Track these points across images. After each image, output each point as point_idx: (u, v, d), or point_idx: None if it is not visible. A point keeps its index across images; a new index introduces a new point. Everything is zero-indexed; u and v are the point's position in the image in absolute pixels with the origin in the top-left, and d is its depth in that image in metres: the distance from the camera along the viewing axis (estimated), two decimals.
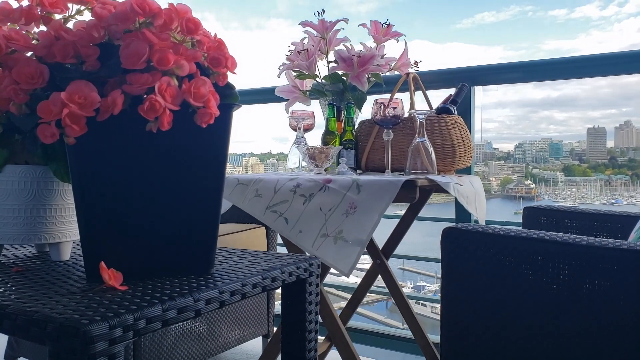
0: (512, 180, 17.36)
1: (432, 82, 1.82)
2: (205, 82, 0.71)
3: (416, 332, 1.72)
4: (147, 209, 0.72)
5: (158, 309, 0.60)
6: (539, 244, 0.90)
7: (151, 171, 0.72)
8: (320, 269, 1.38)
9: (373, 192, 1.20)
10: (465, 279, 0.98)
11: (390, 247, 1.81)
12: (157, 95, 0.65)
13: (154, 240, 0.73)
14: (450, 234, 0.99)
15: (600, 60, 1.60)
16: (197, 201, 0.75)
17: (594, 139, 16.68)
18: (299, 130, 1.69)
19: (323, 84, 1.80)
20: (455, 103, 1.63)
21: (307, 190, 1.26)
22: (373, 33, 1.76)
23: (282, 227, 1.26)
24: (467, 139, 1.56)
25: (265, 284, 0.78)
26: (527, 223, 1.52)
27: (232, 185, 1.40)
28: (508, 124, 40.83)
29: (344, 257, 1.16)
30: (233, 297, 0.72)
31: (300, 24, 1.75)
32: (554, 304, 0.88)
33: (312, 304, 0.90)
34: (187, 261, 0.76)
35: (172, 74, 0.69)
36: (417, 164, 1.43)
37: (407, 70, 1.75)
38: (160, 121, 0.66)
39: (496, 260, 0.94)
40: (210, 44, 0.75)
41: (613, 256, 0.82)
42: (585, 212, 1.47)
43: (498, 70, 1.75)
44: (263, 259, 0.90)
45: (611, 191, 12.56)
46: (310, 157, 1.49)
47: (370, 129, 1.64)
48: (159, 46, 0.67)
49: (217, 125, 0.74)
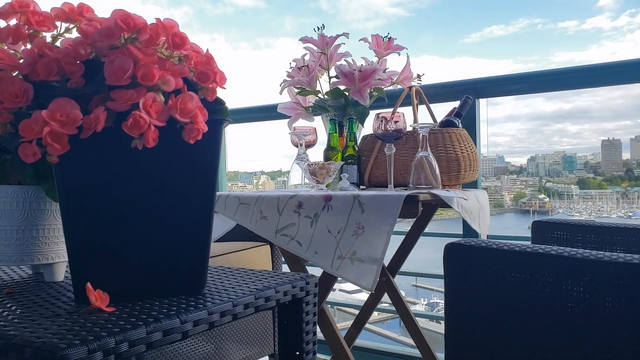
0: (525, 195, 17.18)
1: (436, 95, 1.80)
2: (192, 97, 0.69)
3: (424, 351, 1.67)
4: (135, 228, 0.70)
5: (142, 331, 0.57)
6: (545, 259, 0.87)
7: (139, 189, 0.70)
8: (323, 288, 1.35)
9: (377, 210, 1.18)
10: (470, 296, 0.95)
11: (396, 264, 1.77)
12: (141, 111, 0.64)
13: (143, 260, 0.71)
14: (453, 250, 0.96)
15: (608, 69, 1.57)
16: (186, 220, 0.73)
17: (608, 151, 16.47)
18: (301, 147, 1.67)
19: (325, 99, 1.79)
20: (459, 116, 1.60)
21: (311, 209, 1.25)
22: (374, 47, 1.75)
23: (297, 249, 1.25)
24: (473, 152, 1.53)
25: (258, 304, 0.75)
26: (537, 238, 1.48)
27: (235, 205, 1.38)
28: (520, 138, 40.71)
29: (364, 275, 1.16)
30: (223, 318, 0.69)
31: (301, 40, 1.75)
32: (564, 321, 0.84)
33: (309, 324, 0.87)
34: (177, 281, 0.74)
35: (158, 89, 0.68)
36: (420, 178, 1.40)
37: (410, 84, 1.73)
38: (145, 138, 0.65)
39: (501, 276, 0.91)
40: (198, 58, 0.74)
41: (622, 270, 0.78)
42: (597, 226, 1.42)
43: (502, 82, 1.72)
44: (258, 278, 0.87)
45: (628, 204, 12.34)
46: (311, 174, 1.47)
47: (372, 144, 1.63)
48: (144, 61, 0.66)
49: (206, 141, 0.73)
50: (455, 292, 0.97)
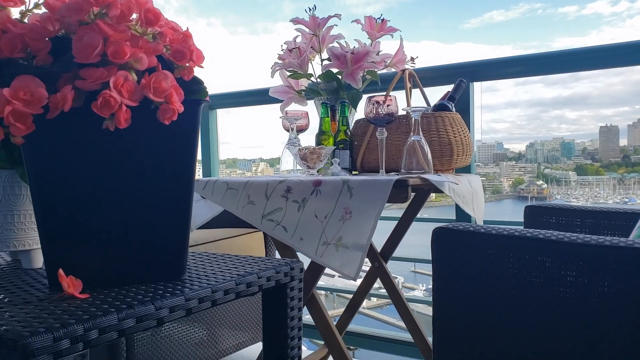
0: (523, 181, 17.17)
1: (430, 78, 1.76)
2: (167, 76, 0.67)
3: (416, 335, 1.66)
4: (108, 212, 0.68)
5: (113, 318, 0.55)
6: (533, 243, 0.85)
7: (112, 172, 0.68)
8: (314, 273, 1.34)
9: (365, 194, 1.15)
10: (458, 280, 0.93)
11: (388, 250, 1.76)
12: (112, 90, 0.61)
13: (118, 246, 0.69)
14: (441, 234, 0.94)
15: (604, 51, 1.53)
16: (164, 204, 0.71)
17: (606, 137, 16.44)
18: (292, 131, 1.64)
19: (318, 83, 1.76)
20: (453, 99, 1.57)
21: (299, 194, 1.23)
22: (367, 29, 1.71)
23: (282, 235, 1.23)
24: (466, 136, 1.50)
25: (240, 290, 0.73)
26: (529, 222, 1.47)
27: (223, 190, 1.36)
28: (519, 124, 40.76)
29: (348, 262, 1.14)
30: (202, 304, 0.67)
31: (292, 21, 1.71)
32: (554, 305, 0.83)
33: (294, 310, 0.85)
34: (156, 267, 0.72)
35: (131, 68, 0.65)
36: (412, 163, 1.38)
37: (403, 67, 1.70)
38: (117, 118, 0.62)
39: (490, 260, 0.89)
40: (174, 36, 0.71)
41: (610, 255, 0.76)
42: (589, 210, 1.40)
43: (497, 65, 1.69)
44: (242, 263, 0.85)
45: (624, 190, 12.34)
46: (301, 158, 1.45)
47: (365, 129, 1.60)
48: (115, 38, 0.63)
49: (183, 122, 0.70)
50: (443, 277, 0.95)
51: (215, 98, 2.41)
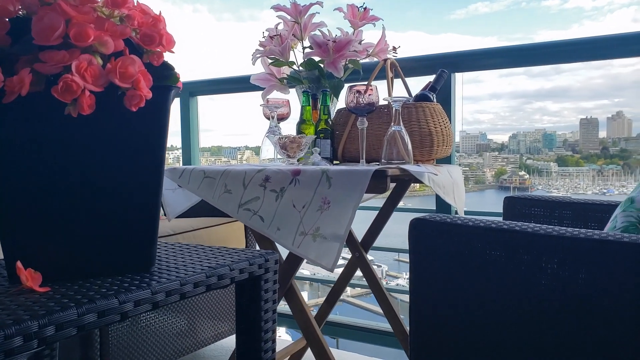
0: (506, 171, 17.37)
1: (412, 68, 1.75)
2: (134, 61, 0.64)
3: (395, 325, 1.66)
4: (71, 202, 0.65)
5: (72, 313, 0.53)
6: (510, 235, 0.84)
7: (75, 160, 0.65)
8: (292, 264, 1.33)
9: (344, 185, 1.14)
10: (434, 271, 0.93)
11: (369, 240, 1.75)
12: (74, 74, 0.58)
13: (82, 237, 0.67)
14: (418, 225, 0.93)
15: (583, 44, 1.53)
16: (131, 193, 0.69)
17: (586, 129, 16.68)
18: (273, 120, 1.62)
19: (300, 71, 1.73)
20: (434, 90, 1.56)
21: (277, 184, 1.21)
22: (349, 17, 1.69)
23: (258, 225, 1.21)
24: (447, 127, 1.50)
25: (210, 283, 0.72)
26: (508, 213, 1.47)
27: (199, 178, 1.33)
28: (502, 115, 41.33)
29: (325, 253, 1.12)
30: (169, 297, 0.65)
31: (273, 8, 1.68)
32: (531, 296, 0.82)
33: (268, 302, 0.84)
34: (123, 259, 0.70)
35: (95, 51, 0.62)
36: (393, 153, 1.37)
37: (385, 57, 1.68)
38: (80, 104, 0.60)
39: (466, 252, 0.89)
40: (143, 19, 0.68)
41: (585, 247, 0.76)
42: (567, 202, 1.41)
43: (478, 56, 1.68)
44: (215, 255, 0.83)
45: (603, 181, 12.57)
46: (281, 147, 1.42)
47: (347, 118, 1.58)
48: (77, 20, 0.60)
49: (152, 109, 0.68)
50: (420, 267, 0.94)
51: (196, 85, 2.37)
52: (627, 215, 0.97)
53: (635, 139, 11.55)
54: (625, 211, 0.98)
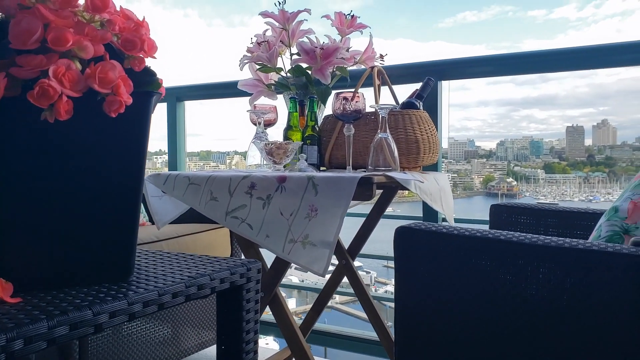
0: (494, 178, 17.51)
1: (399, 76, 1.75)
2: (114, 66, 0.63)
3: (381, 334, 1.65)
4: (47, 210, 0.64)
5: (42, 325, 0.52)
6: (495, 244, 0.84)
7: (51, 166, 0.64)
8: (277, 272, 1.31)
9: (330, 192, 1.13)
10: (419, 280, 0.92)
11: (356, 247, 1.74)
12: (51, 79, 0.57)
13: (57, 246, 0.65)
14: (403, 233, 0.92)
15: (568, 54, 1.55)
16: (109, 201, 0.67)
17: (572, 137, 16.89)
18: (259, 125, 1.61)
19: (288, 77, 1.73)
20: (420, 97, 1.57)
21: (264, 191, 1.19)
22: (337, 25, 1.69)
23: (247, 232, 1.20)
24: (433, 134, 1.50)
25: (190, 293, 0.70)
26: (495, 221, 1.47)
27: (184, 185, 1.32)
28: (490, 123, 41.78)
29: (316, 259, 1.12)
30: (147, 308, 0.64)
31: (261, 15, 1.67)
32: (515, 305, 0.82)
33: (250, 312, 0.82)
34: (99, 268, 0.68)
35: (75, 56, 0.61)
36: (379, 160, 1.37)
37: (372, 64, 1.68)
38: (57, 109, 0.58)
39: (451, 261, 0.88)
40: (124, 24, 0.67)
41: (570, 256, 0.76)
42: (553, 210, 1.42)
43: (464, 64, 1.69)
44: (196, 264, 0.82)
45: (589, 188, 12.71)
46: (267, 153, 1.41)
47: (334, 125, 1.58)
48: (56, 24, 0.59)
49: (132, 115, 0.67)
50: (405, 276, 0.94)
51: (183, 90, 2.35)
52: (611, 225, 0.98)
53: (620, 147, 11.71)
54: (610, 220, 0.98)
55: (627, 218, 0.95)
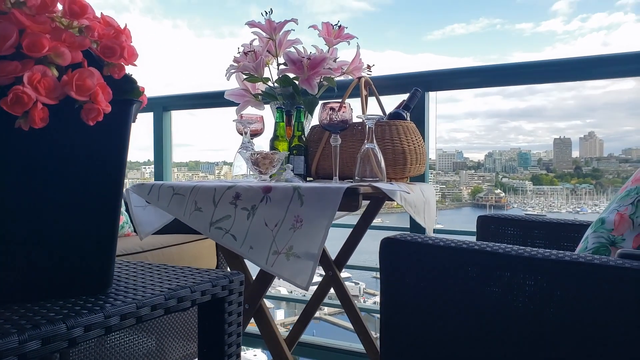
0: (482, 189, 17.60)
1: (386, 87, 1.75)
2: (92, 73, 0.62)
3: (368, 347, 1.64)
4: (22, 220, 0.62)
5: (13, 340, 0.50)
6: (481, 256, 0.83)
7: (26, 176, 0.62)
8: (262, 284, 1.29)
9: (316, 203, 1.12)
10: (405, 292, 0.91)
11: (343, 258, 1.73)
12: (25, 86, 0.56)
13: (32, 257, 0.63)
14: (389, 244, 0.91)
15: (554, 65, 1.56)
16: (86, 211, 0.66)
17: (560, 149, 17.08)
18: (245, 135, 1.60)
19: (274, 87, 1.72)
20: (407, 108, 1.57)
21: (248, 201, 1.18)
22: (324, 35, 1.69)
23: (231, 243, 1.18)
24: (420, 145, 1.50)
25: (169, 305, 0.68)
26: (482, 232, 1.47)
27: (169, 195, 1.30)
28: (478, 134, 42.14)
29: (300, 272, 1.10)
30: (124, 321, 0.62)
31: (247, 24, 1.67)
32: (501, 317, 0.81)
33: (232, 325, 0.81)
34: (77, 280, 0.66)
35: (51, 62, 0.60)
36: (366, 170, 1.36)
37: (360, 75, 1.69)
38: (31, 117, 0.57)
39: (437, 272, 0.87)
40: (104, 31, 0.66)
41: (558, 268, 0.76)
42: (539, 221, 1.42)
43: (451, 75, 1.70)
44: (177, 275, 0.80)
45: (577, 200, 12.84)
46: (253, 164, 1.40)
47: (321, 135, 1.57)
48: (32, 29, 0.58)
49: (111, 123, 0.65)
50: (391, 287, 0.93)
51: (169, 99, 2.34)
52: (597, 236, 0.98)
53: (607, 159, 11.86)
54: (596, 232, 0.98)
55: (614, 230, 0.95)
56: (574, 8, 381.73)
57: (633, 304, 0.71)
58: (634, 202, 0.94)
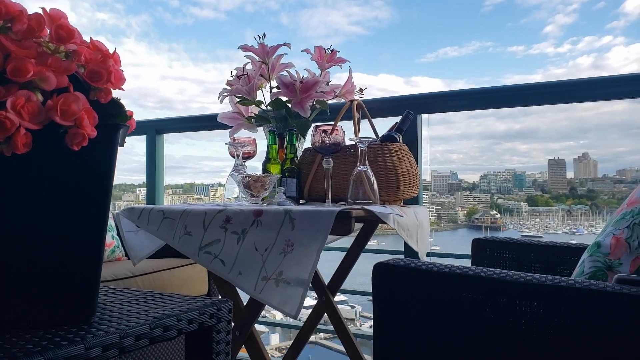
0: (478, 211, 17.55)
1: (378, 110, 1.76)
2: (77, 98, 0.61)
3: None
4: (2, 249, 0.60)
5: None
6: (475, 282, 0.82)
7: (9, 202, 0.60)
8: (253, 310, 1.26)
9: (308, 226, 1.10)
10: (399, 318, 0.89)
11: (336, 283, 1.71)
12: (8, 111, 0.55)
13: (10, 285, 0.61)
14: (382, 270, 0.90)
15: (545, 88, 1.57)
16: (70, 240, 0.64)
17: (554, 170, 17.14)
18: (238, 158, 1.59)
19: (267, 110, 1.72)
20: (400, 131, 1.57)
21: (239, 225, 1.16)
22: (316, 59, 1.70)
23: (220, 269, 1.15)
24: (413, 167, 1.49)
25: (154, 335, 0.66)
26: (477, 255, 1.45)
27: (158, 219, 1.28)
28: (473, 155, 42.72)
29: (289, 299, 1.07)
30: (107, 352, 0.60)
31: (240, 48, 1.68)
32: (495, 344, 0.79)
33: (220, 355, 0.78)
34: (59, 310, 0.64)
35: (36, 87, 0.59)
36: (359, 193, 1.35)
37: (352, 98, 1.69)
38: (14, 142, 0.56)
39: (431, 298, 0.86)
40: (91, 55, 0.65)
41: (553, 294, 0.74)
42: (535, 244, 1.40)
43: (443, 98, 1.70)
44: (164, 303, 0.78)
45: (572, 221, 12.82)
46: (245, 187, 1.39)
47: (313, 157, 1.57)
48: (17, 54, 0.57)
49: (97, 148, 0.64)
50: (384, 313, 0.91)
51: (162, 122, 2.34)
52: (594, 260, 0.96)
53: (602, 180, 11.91)
54: (592, 256, 0.97)
55: (610, 254, 0.94)
56: (564, 31, 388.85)
57: (631, 330, 0.70)
58: (629, 226, 0.93)
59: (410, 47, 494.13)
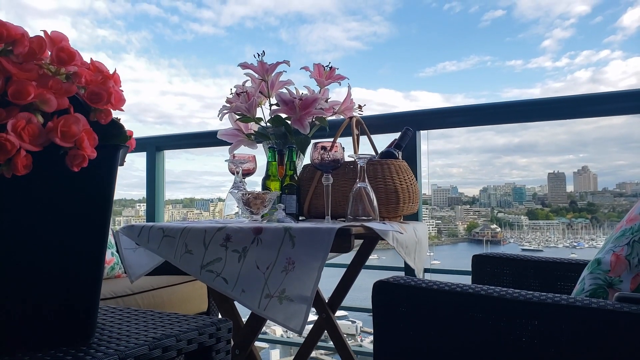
0: (478, 225, 17.52)
1: (377, 126, 1.77)
2: (78, 119, 0.61)
3: None
4: (4, 268, 0.60)
5: None
6: (475, 300, 0.81)
7: (5, 222, 0.60)
8: (253, 328, 1.26)
9: (308, 244, 1.10)
10: (399, 336, 0.88)
11: (337, 299, 1.70)
12: (9, 133, 0.55)
13: (8, 305, 0.61)
14: (382, 288, 0.90)
15: (543, 104, 1.58)
16: (69, 260, 0.64)
17: (554, 183, 17.15)
18: (237, 175, 1.59)
19: (267, 127, 1.73)
20: (399, 147, 1.57)
21: (239, 243, 1.16)
22: (315, 76, 1.71)
23: (222, 287, 1.15)
24: (413, 183, 1.49)
25: (154, 356, 0.66)
26: (477, 272, 1.45)
27: (158, 238, 1.28)
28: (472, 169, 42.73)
29: (293, 315, 1.07)
30: None
31: (240, 66, 1.69)
32: None
33: None
34: (57, 331, 0.64)
35: (37, 109, 0.60)
36: (359, 209, 1.35)
37: (351, 114, 1.70)
38: (14, 164, 0.56)
39: (431, 316, 0.85)
40: (91, 77, 0.66)
41: (553, 312, 0.74)
42: (535, 260, 1.40)
43: (442, 114, 1.71)
44: (163, 322, 0.78)
45: (573, 234, 12.78)
46: (245, 204, 1.39)
47: (312, 174, 1.57)
48: (18, 77, 0.58)
49: (97, 169, 0.65)
50: (383, 331, 0.90)
51: (162, 139, 2.35)
52: (594, 278, 0.96)
53: (601, 193, 11.91)
54: (593, 273, 0.97)
55: (610, 271, 0.93)
56: (562, 45, 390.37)
57: (633, 349, 0.69)
58: (629, 243, 0.93)
59: (409, 61, 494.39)
